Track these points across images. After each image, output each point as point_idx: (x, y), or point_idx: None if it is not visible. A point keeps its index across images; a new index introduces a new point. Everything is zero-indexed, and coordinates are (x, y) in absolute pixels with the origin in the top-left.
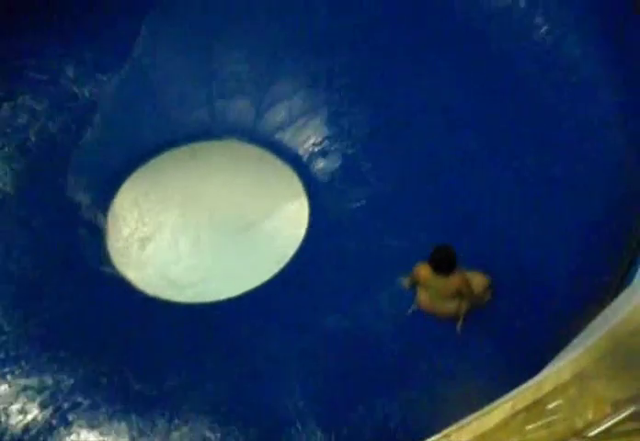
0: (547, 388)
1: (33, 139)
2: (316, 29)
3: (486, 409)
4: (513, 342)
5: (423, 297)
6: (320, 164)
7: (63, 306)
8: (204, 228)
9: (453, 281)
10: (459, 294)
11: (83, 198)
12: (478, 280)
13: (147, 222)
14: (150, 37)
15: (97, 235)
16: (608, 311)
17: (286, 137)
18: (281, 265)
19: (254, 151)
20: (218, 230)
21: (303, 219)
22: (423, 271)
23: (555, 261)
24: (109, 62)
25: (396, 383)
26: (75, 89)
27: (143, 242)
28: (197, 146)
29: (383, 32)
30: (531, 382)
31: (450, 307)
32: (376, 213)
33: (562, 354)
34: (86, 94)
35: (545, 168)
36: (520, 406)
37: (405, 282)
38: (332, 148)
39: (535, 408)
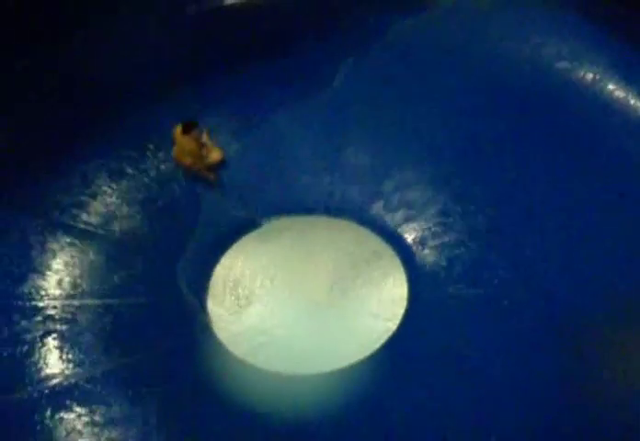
0: None
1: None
2: (434, 137)
3: None
4: None
5: (176, 151)
6: (426, 256)
7: (155, 355)
8: (301, 302)
9: (191, 143)
10: (194, 153)
11: (190, 260)
12: (212, 151)
13: (248, 290)
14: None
15: (199, 298)
16: None
17: (396, 224)
18: (371, 349)
19: (363, 232)
20: (315, 305)
21: (401, 307)
22: (177, 130)
23: None
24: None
25: None
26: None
27: (241, 308)
28: (307, 220)
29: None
30: None
31: (189, 160)
32: (472, 316)
33: None
34: None
35: None
36: None
37: (173, 135)
38: (440, 242)
39: None
